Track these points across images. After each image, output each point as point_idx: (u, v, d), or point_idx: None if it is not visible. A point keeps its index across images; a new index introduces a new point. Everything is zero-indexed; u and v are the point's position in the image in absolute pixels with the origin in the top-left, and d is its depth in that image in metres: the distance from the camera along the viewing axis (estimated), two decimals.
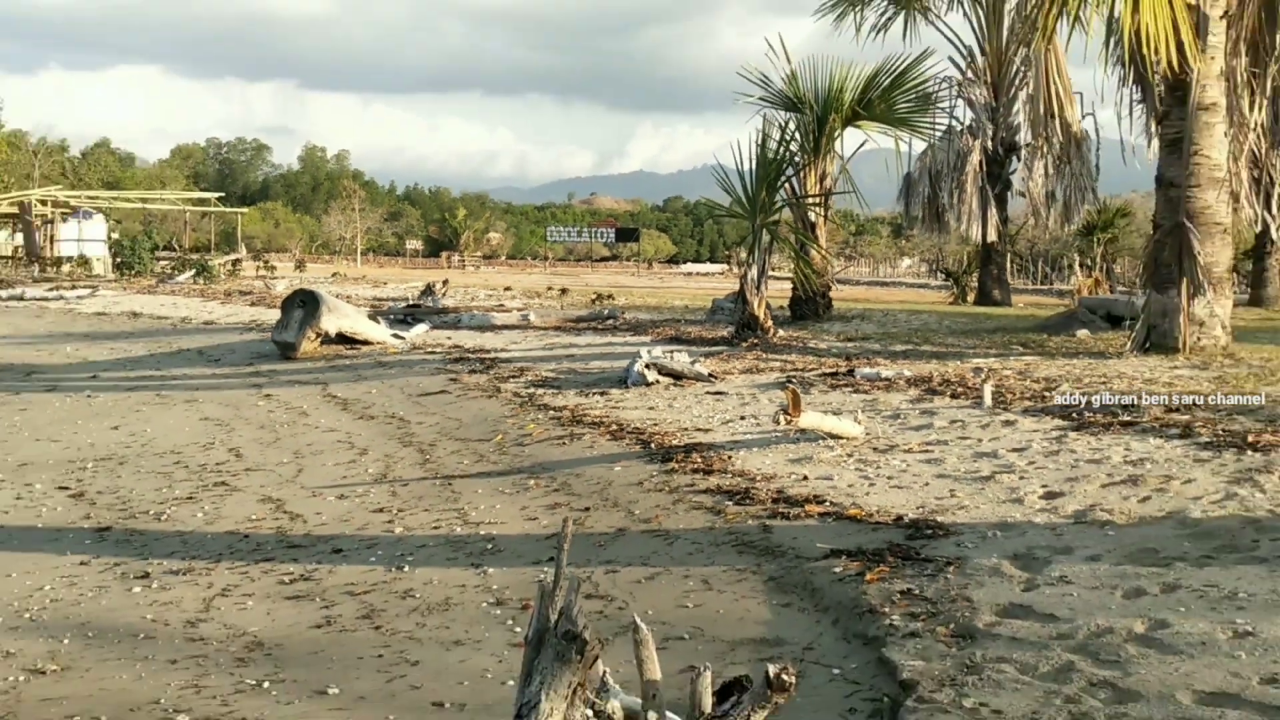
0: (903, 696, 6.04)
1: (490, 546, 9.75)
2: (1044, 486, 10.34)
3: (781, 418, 11.90)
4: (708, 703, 4.79)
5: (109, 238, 61.54)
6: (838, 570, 8.33)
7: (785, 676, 4.53)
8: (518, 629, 7.60)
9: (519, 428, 14.99)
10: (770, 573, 8.55)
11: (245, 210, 77.21)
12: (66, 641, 7.75)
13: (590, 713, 4.68)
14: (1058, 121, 39.84)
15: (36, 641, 7.77)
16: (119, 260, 56.87)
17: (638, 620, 4.74)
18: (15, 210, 60.97)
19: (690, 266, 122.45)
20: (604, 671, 4.80)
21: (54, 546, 10.23)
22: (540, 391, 17.81)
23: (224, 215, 72.26)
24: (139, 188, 78.16)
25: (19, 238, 61.75)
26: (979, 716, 5.69)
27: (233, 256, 63.37)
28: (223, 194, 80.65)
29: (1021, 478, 10.73)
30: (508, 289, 49.28)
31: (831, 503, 10.25)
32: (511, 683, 6.70)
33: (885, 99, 29.25)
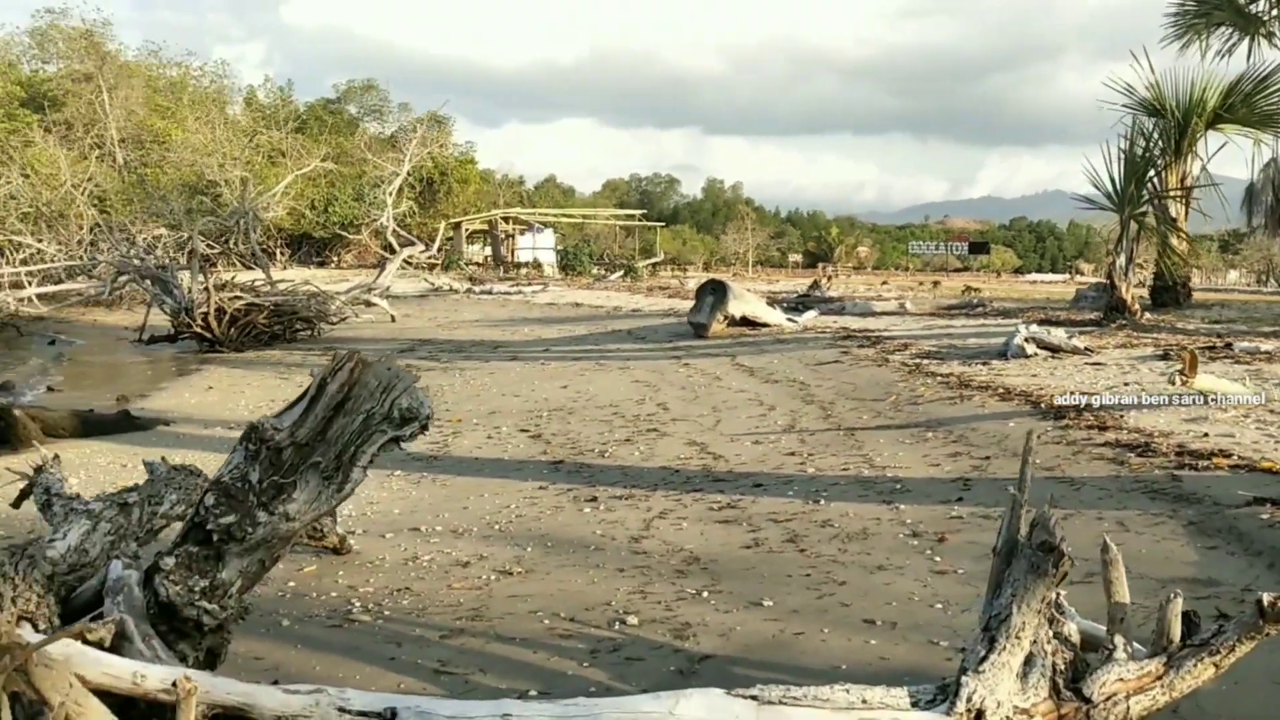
0: None
1: (899, 487, 8.90)
2: None
3: (1177, 378, 10.47)
4: (1177, 631, 3.83)
5: (556, 246, 64.30)
6: (1264, 517, 6.99)
7: None
8: (937, 558, 6.76)
9: (910, 390, 13.99)
10: (1189, 518, 7.30)
11: (661, 224, 78.85)
12: (529, 549, 7.51)
13: (1050, 632, 3.80)
14: None
15: (505, 548, 7.57)
16: (564, 263, 59.33)
17: (1107, 539, 3.83)
18: (485, 227, 64.86)
19: (1034, 276, 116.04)
20: (1058, 593, 3.89)
21: (518, 474, 10.17)
22: (926, 361, 16.68)
23: (644, 234, 74.08)
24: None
25: (488, 249, 65.75)
26: None
27: (653, 260, 64.92)
28: (645, 210, 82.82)
29: None
30: (884, 283, 47.89)
31: (1240, 456, 8.78)
32: (939, 605, 5.88)
33: (1248, 102, 26.24)
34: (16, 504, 6.32)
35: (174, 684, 3.39)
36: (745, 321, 23.97)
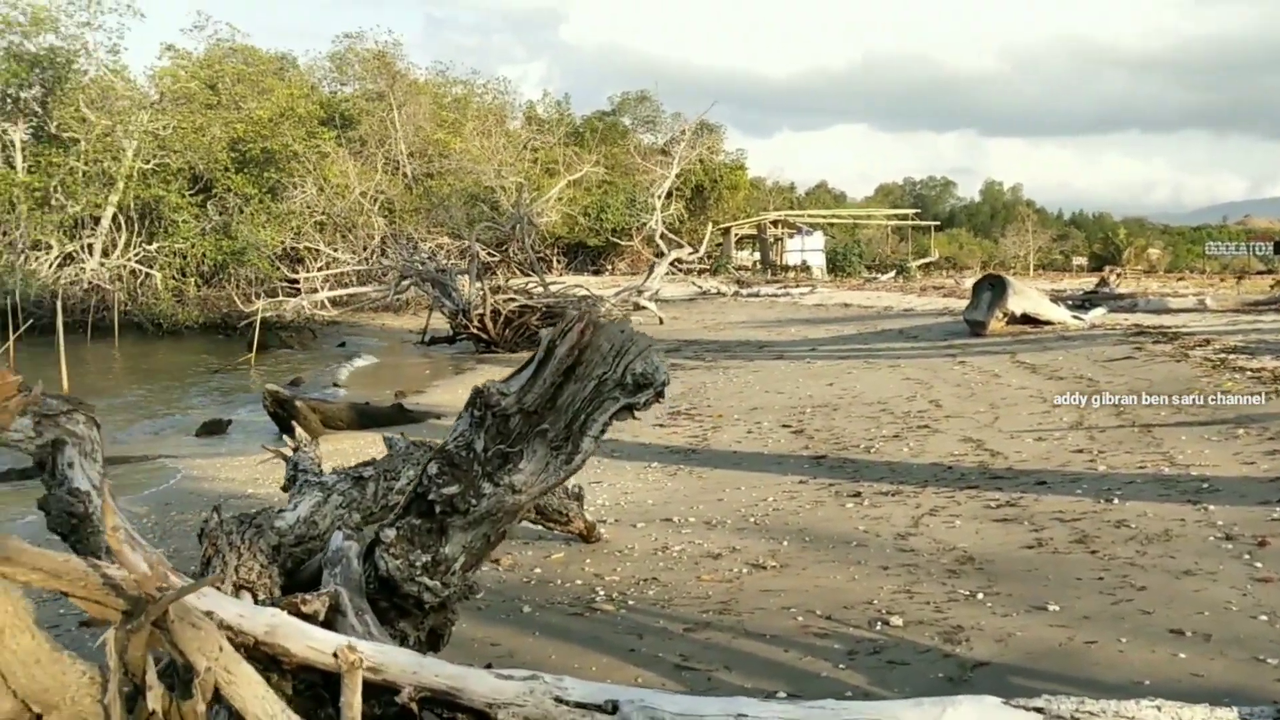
0: None
1: (1205, 486, 7.84)
2: None
3: None
4: None
5: (825, 248, 63.29)
6: None
7: None
8: (1258, 564, 5.83)
9: (1214, 385, 12.59)
10: None
11: (935, 223, 76.36)
12: (785, 543, 7.01)
13: None
14: None
15: (759, 542, 7.10)
16: (833, 265, 58.29)
17: None
18: (754, 231, 64.61)
19: None
20: None
21: (777, 468, 9.69)
22: (1231, 357, 15.06)
23: (917, 238, 71.90)
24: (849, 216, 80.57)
25: (756, 254, 65.49)
26: None
27: (927, 260, 62.90)
28: (918, 209, 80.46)
29: None
30: (1180, 279, 44.55)
31: None
32: (1263, 617, 5.01)
33: None
34: (286, 487, 6.33)
35: (334, 654, 3.11)
36: (1026, 319, 22.60)
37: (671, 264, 34.28)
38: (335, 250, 36.24)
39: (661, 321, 29.54)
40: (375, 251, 36.27)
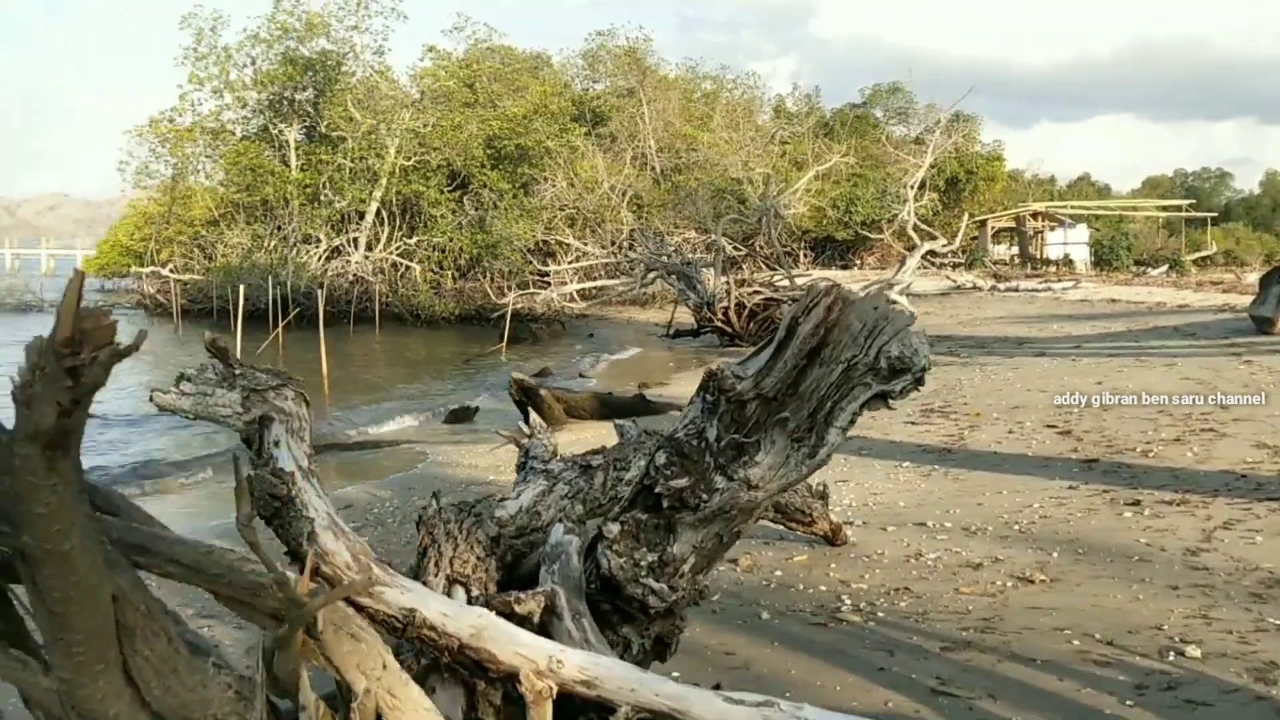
0: None
1: None
2: None
3: None
4: None
5: (1090, 241, 59.92)
6: None
7: None
8: None
9: None
10: None
11: (1212, 214, 71.00)
12: (1055, 555, 6.30)
13: None
14: None
15: (1024, 552, 6.41)
16: (1098, 259, 55.07)
17: None
18: (1012, 224, 61.84)
19: None
20: None
21: (1042, 471, 8.88)
22: None
23: (1189, 233, 67.12)
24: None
25: (1014, 247, 62.69)
26: None
27: (1203, 253, 58.65)
28: (1193, 200, 75.20)
29: None
30: None
31: None
32: None
33: None
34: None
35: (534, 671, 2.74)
36: None
37: (924, 257, 33.00)
38: (584, 244, 36.75)
39: (914, 316, 28.48)
40: (622, 245, 36.60)
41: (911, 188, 36.97)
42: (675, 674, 4.56)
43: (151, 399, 3.42)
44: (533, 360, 25.06)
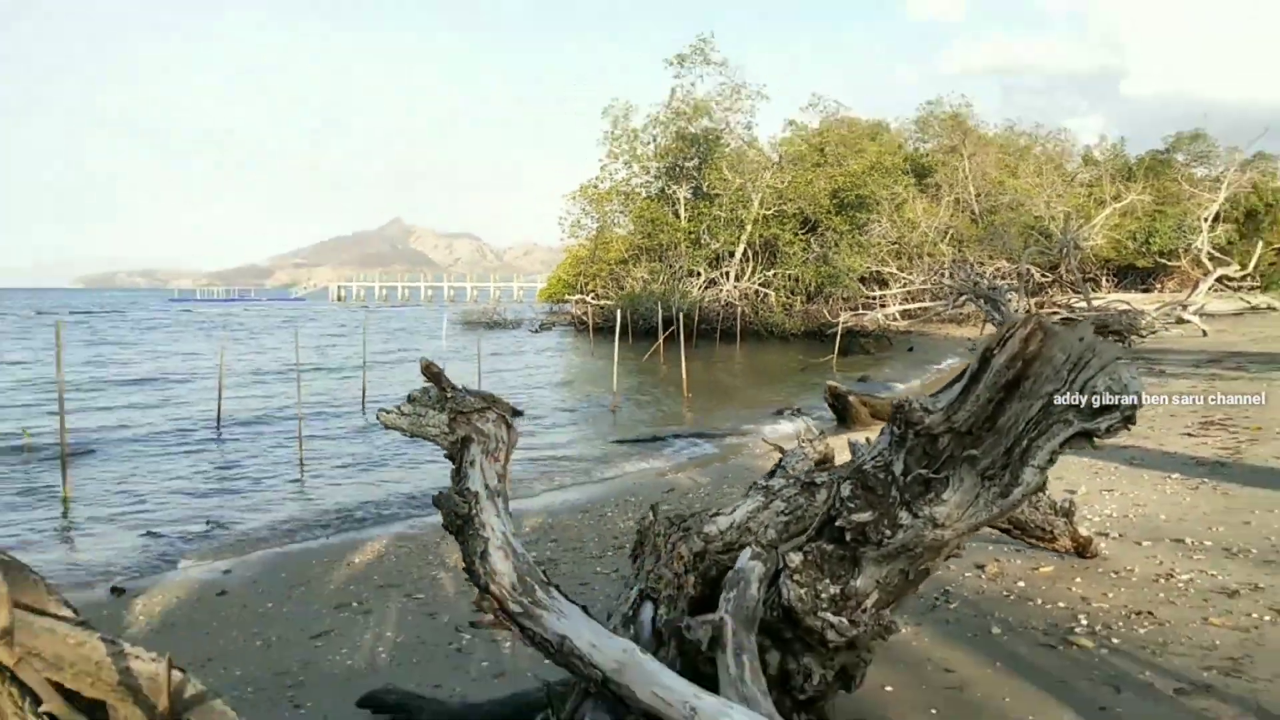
0: None
1: None
2: None
3: None
4: None
5: None
6: None
7: None
8: None
9: None
10: None
11: None
12: None
13: None
14: None
15: None
16: None
17: None
18: None
19: None
20: None
21: None
22: None
23: None
24: None
25: None
26: None
27: None
28: None
29: None
30: None
31: None
32: None
33: None
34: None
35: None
36: None
37: (1218, 280, 28.47)
38: (908, 274, 35.09)
39: (1205, 334, 24.61)
40: (940, 274, 34.52)
41: (1205, 220, 32.05)
42: (888, 687, 3.66)
43: (378, 417, 3.02)
44: (859, 369, 23.81)
